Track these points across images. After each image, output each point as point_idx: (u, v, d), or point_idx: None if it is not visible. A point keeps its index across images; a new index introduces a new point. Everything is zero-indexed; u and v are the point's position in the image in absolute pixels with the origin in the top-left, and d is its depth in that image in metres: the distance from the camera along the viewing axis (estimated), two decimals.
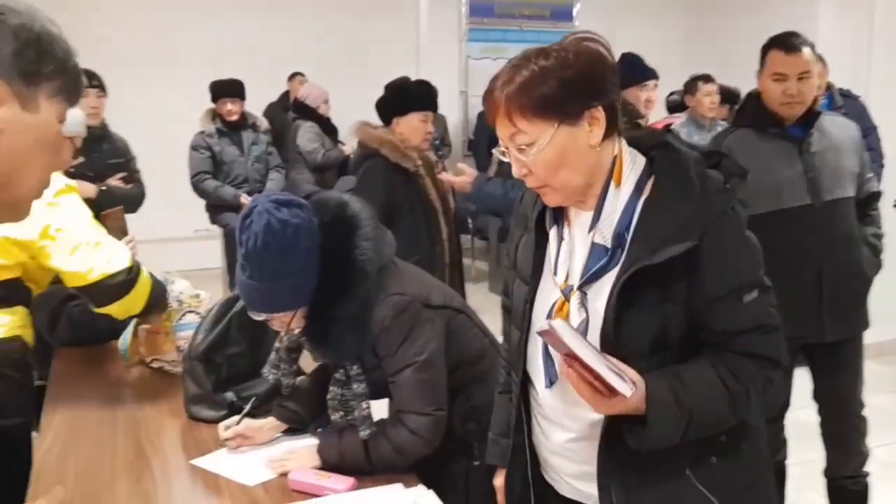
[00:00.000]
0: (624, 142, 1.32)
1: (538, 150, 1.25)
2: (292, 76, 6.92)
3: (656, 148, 1.32)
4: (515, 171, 1.29)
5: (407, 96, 3.02)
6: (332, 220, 1.72)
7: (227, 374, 2.10)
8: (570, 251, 1.35)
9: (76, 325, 2.65)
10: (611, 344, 1.24)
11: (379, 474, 1.74)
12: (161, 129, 6.04)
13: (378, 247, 1.75)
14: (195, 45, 6.86)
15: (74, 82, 1.01)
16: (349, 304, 1.69)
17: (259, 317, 1.76)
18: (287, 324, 1.75)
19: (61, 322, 2.67)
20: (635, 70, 3.43)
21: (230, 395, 2.08)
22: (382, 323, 1.73)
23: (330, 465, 1.76)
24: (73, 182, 2.09)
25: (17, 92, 0.93)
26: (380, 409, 1.86)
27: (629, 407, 1.21)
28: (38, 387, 2.39)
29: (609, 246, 1.28)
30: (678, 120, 4.67)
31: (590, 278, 1.29)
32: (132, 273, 2.08)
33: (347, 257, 1.70)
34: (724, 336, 1.27)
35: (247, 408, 1.93)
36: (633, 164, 1.31)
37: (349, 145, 5.40)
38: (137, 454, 1.91)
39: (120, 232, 2.86)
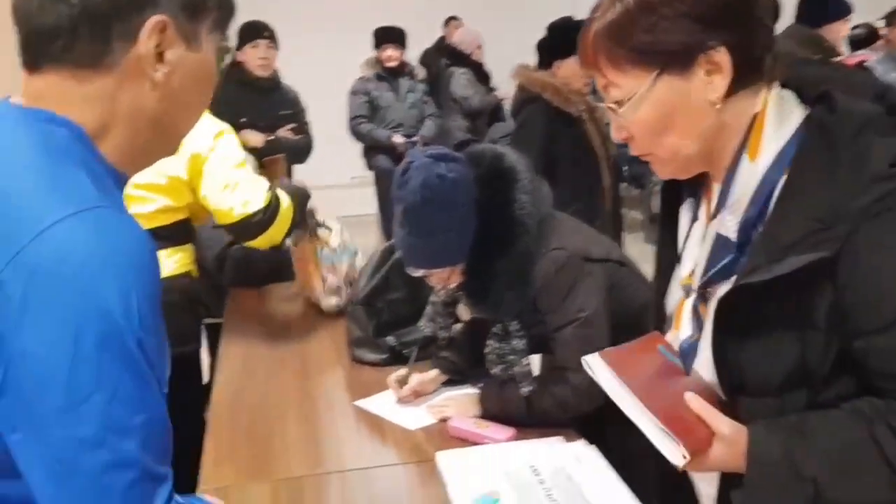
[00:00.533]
0: (776, 93, 0.95)
1: (632, 108, 0.95)
2: (448, 20, 6.88)
3: (818, 101, 0.94)
4: (615, 134, 1.00)
5: (571, 38, 2.88)
6: (489, 172, 1.68)
7: (387, 318, 2.14)
8: (702, 235, 1.04)
9: (239, 266, 2.81)
10: (724, 374, 0.95)
11: (539, 426, 1.72)
12: (323, 77, 6.20)
13: (536, 199, 1.69)
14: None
15: (230, 13, 0.95)
16: (508, 259, 1.65)
17: (417, 272, 1.76)
18: (445, 279, 1.74)
19: (227, 263, 2.84)
20: (839, 2, 3.11)
21: (391, 340, 2.12)
22: (544, 279, 1.68)
23: (490, 414, 1.75)
24: (226, 126, 2.19)
25: (183, 29, 0.87)
26: (536, 363, 1.84)
27: (717, 465, 0.94)
28: (214, 324, 2.56)
29: (735, 240, 0.96)
30: (872, 58, 4.19)
31: (711, 279, 0.99)
32: (268, 212, 2.15)
33: (505, 211, 1.65)
34: (886, 380, 0.88)
35: (411, 360, 1.94)
36: (779, 125, 0.93)
37: (502, 90, 5.36)
38: (304, 393, 1.99)
39: (280, 179, 2.97)
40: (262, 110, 3.81)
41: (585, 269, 1.71)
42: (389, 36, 5.09)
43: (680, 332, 1.04)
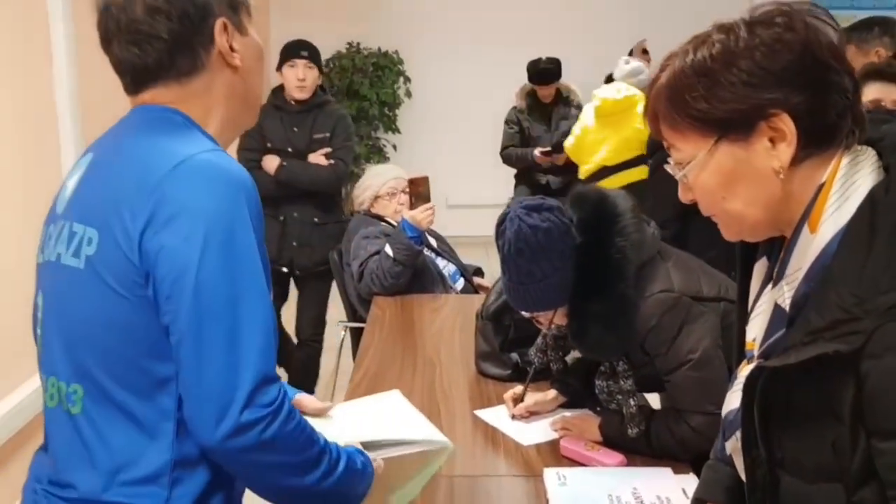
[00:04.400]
0: (847, 161, 0.89)
1: (692, 172, 0.93)
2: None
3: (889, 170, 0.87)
4: (681, 195, 0.98)
5: None
6: (590, 215, 1.71)
7: (514, 335, 2.22)
8: (768, 301, 0.99)
9: (374, 277, 3.02)
10: (758, 457, 0.92)
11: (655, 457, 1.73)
12: (473, 101, 6.38)
13: (638, 240, 1.70)
14: (509, 22, 7.08)
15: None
16: (606, 303, 1.67)
17: (523, 314, 1.83)
18: (549, 321, 1.80)
19: (366, 275, 3.04)
20: None
21: (515, 356, 2.20)
22: (649, 322, 1.68)
23: (610, 441, 1.78)
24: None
25: (234, 22, 1.14)
26: (653, 401, 1.84)
27: None
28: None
29: (788, 313, 0.91)
30: None
31: (768, 350, 0.94)
32: None
33: (603, 256, 1.67)
34: (890, 488, 0.82)
35: (528, 378, 2.01)
36: (843, 198, 0.87)
37: None
38: (430, 397, 2.11)
39: (423, 199, 3.13)
40: (296, 135, 3.52)
41: (695, 310, 1.70)
42: (543, 76, 5.13)
43: (728, 400, 1.01)
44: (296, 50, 3.46)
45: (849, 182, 0.88)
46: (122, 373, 1.03)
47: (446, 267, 3.30)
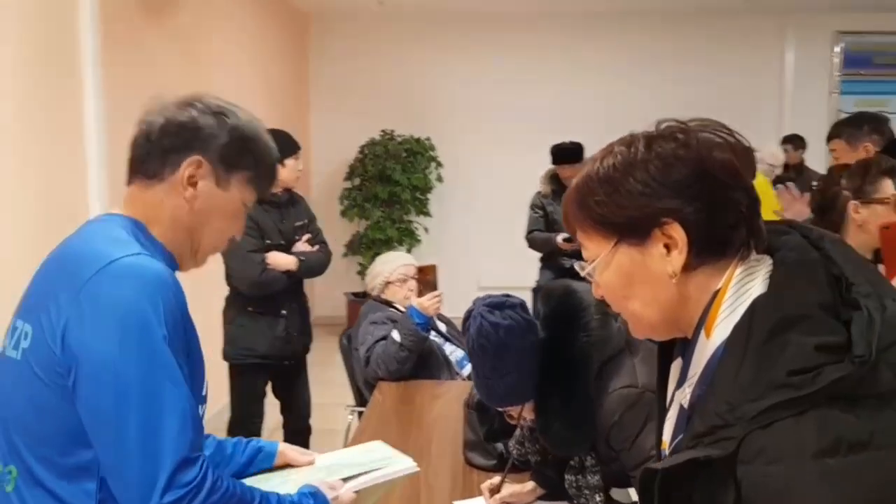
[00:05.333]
0: (742, 270, 0.92)
1: (596, 270, 0.98)
2: None
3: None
4: (593, 291, 1.03)
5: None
6: (554, 311, 1.73)
7: (499, 425, 2.24)
8: (678, 400, 1.00)
9: (380, 362, 3.08)
10: None
11: None
12: (502, 186, 6.51)
13: (602, 336, 1.69)
14: (537, 110, 7.28)
15: (266, 179, 1.36)
16: (567, 398, 1.68)
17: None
18: (518, 415, 1.82)
19: (372, 360, 3.10)
20: None
21: (500, 447, 2.21)
22: (612, 417, 1.67)
23: None
24: None
25: (216, 172, 1.29)
26: (622, 497, 1.83)
27: None
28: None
29: (687, 414, 0.94)
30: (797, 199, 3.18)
31: (673, 451, 0.97)
32: None
33: (565, 352, 1.69)
34: None
35: (506, 469, 2.02)
36: (735, 305, 0.90)
37: None
38: (413, 485, 2.13)
39: (431, 287, 3.19)
40: (284, 225, 3.52)
41: None
42: (566, 155, 5.21)
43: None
44: (296, 144, 3.49)
45: (742, 290, 0.91)
46: (49, 456, 1.14)
47: (454, 352, 3.34)
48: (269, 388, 3.67)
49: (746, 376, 0.82)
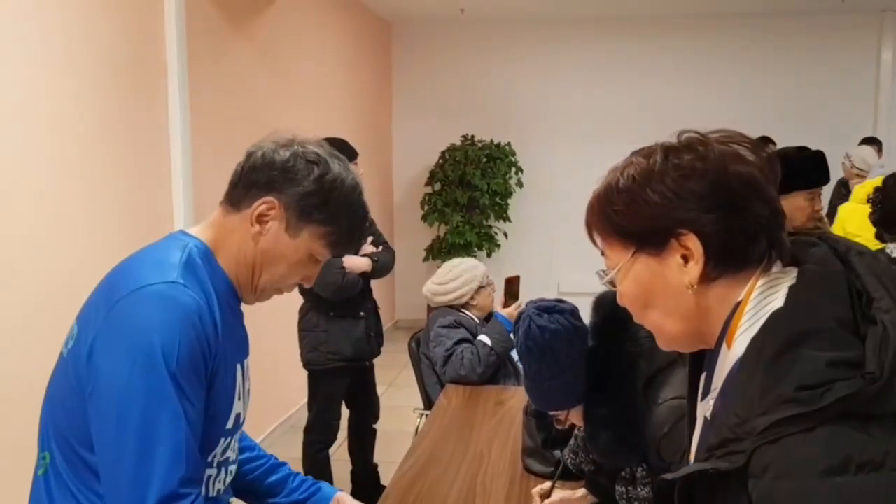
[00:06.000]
0: (765, 281, 0.92)
1: (616, 278, 0.99)
2: (760, 140, 6.56)
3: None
4: (619, 299, 1.04)
5: (794, 170, 2.78)
6: (603, 320, 1.71)
7: (557, 433, 2.23)
8: (702, 412, 1.01)
9: (466, 363, 3.11)
10: None
11: None
12: (582, 191, 6.40)
13: (651, 348, 1.64)
14: (618, 114, 7.18)
15: (345, 239, 1.33)
16: (613, 408, 1.67)
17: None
18: (565, 419, 1.81)
19: (452, 361, 3.15)
20: None
21: (558, 454, 2.21)
22: (661, 429, 1.63)
23: None
24: None
25: (287, 217, 1.29)
26: None
27: None
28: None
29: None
30: None
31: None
32: None
33: (613, 362, 1.67)
34: None
35: (556, 476, 2.03)
36: (756, 317, 0.89)
37: None
38: (469, 488, 2.16)
39: (514, 297, 3.21)
40: None
41: None
42: None
43: None
44: (355, 151, 3.55)
45: (763, 302, 0.90)
46: (70, 452, 1.21)
47: None
48: None
49: (756, 390, 0.81)
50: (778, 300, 0.89)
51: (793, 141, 3.41)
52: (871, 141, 6.10)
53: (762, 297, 0.90)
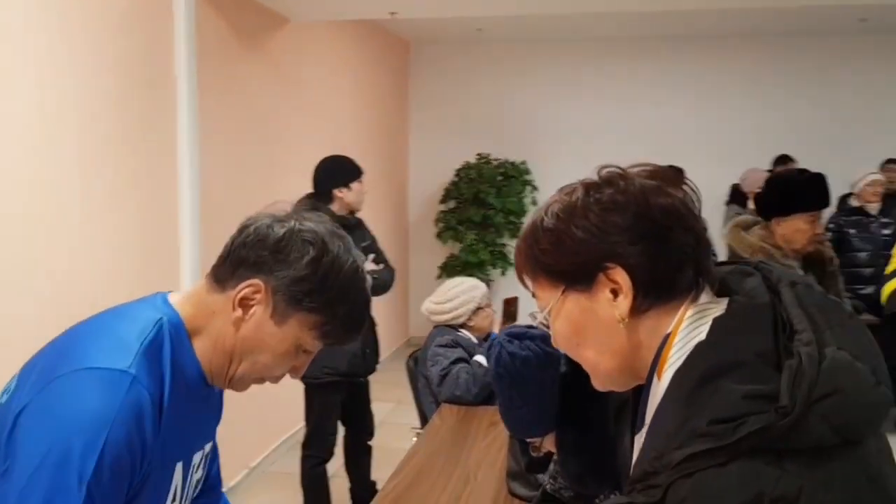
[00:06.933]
0: (693, 312, 0.91)
1: (549, 319, 0.98)
2: (780, 159, 6.12)
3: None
4: (552, 340, 1.03)
5: (792, 192, 2.75)
6: None
7: (542, 456, 2.22)
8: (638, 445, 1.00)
9: (461, 383, 3.10)
10: None
11: None
12: None
13: None
14: (635, 133, 7.15)
15: (338, 330, 1.18)
16: (583, 435, 1.63)
17: None
18: (539, 446, 1.79)
19: (448, 381, 3.14)
20: None
21: (542, 478, 2.19)
22: (632, 457, 1.64)
23: None
24: None
25: (274, 302, 1.14)
26: None
27: None
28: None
29: None
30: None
31: None
32: None
33: (585, 386, 1.65)
34: None
35: (537, 501, 2.01)
36: (685, 349, 0.88)
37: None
38: None
39: (512, 318, 3.20)
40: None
41: None
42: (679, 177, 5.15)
43: None
44: (360, 169, 3.60)
45: (692, 334, 0.89)
46: None
47: None
48: None
49: (674, 422, 0.81)
50: (705, 331, 0.88)
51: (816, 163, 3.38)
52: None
53: (691, 329, 0.90)
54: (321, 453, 3.61)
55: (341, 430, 3.76)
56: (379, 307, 5.87)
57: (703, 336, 0.87)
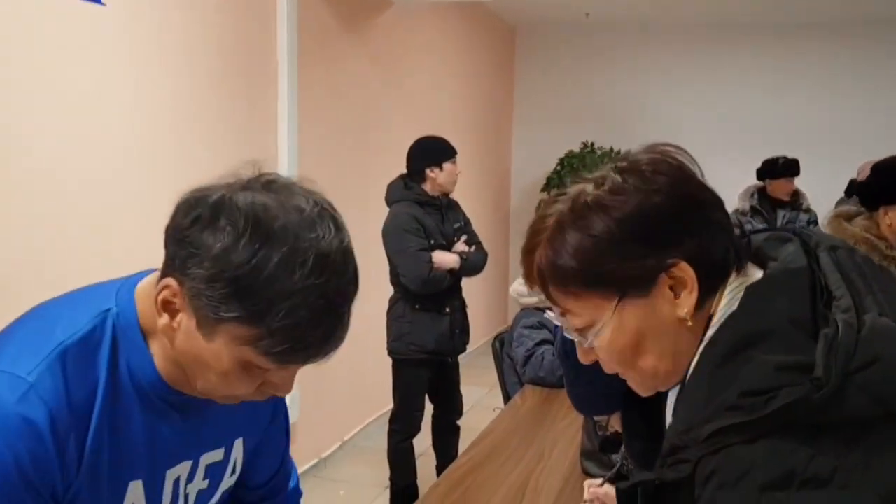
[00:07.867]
0: (732, 287, 0.84)
1: (597, 336, 0.86)
2: None
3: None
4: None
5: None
6: None
7: (613, 435, 2.17)
8: None
9: (547, 364, 3.08)
10: None
11: None
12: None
13: None
14: (739, 124, 6.85)
15: (280, 347, 0.83)
16: (646, 414, 1.60)
17: None
18: (606, 425, 1.78)
19: (532, 362, 3.12)
20: None
21: (616, 458, 2.14)
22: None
23: None
24: None
25: (195, 308, 0.85)
26: None
27: None
28: None
29: None
30: None
31: None
32: None
33: None
34: None
35: (610, 473, 1.97)
36: (720, 319, 0.83)
37: None
38: (521, 485, 2.13)
39: None
40: (445, 227, 3.59)
41: None
42: (790, 167, 4.91)
43: None
44: (453, 149, 3.59)
45: (729, 307, 0.83)
46: None
47: None
48: None
49: (703, 395, 0.77)
50: (737, 303, 0.83)
51: None
52: None
53: (729, 305, 0.84)
54: (407, 428, 3.66)
55: (430, 409, 3.80)
56: (478, 293, 5.98)
57: (735, 307, 0.82)
